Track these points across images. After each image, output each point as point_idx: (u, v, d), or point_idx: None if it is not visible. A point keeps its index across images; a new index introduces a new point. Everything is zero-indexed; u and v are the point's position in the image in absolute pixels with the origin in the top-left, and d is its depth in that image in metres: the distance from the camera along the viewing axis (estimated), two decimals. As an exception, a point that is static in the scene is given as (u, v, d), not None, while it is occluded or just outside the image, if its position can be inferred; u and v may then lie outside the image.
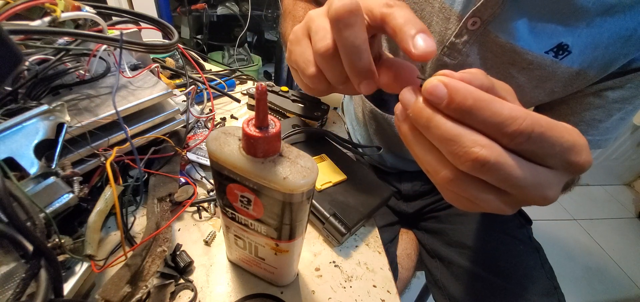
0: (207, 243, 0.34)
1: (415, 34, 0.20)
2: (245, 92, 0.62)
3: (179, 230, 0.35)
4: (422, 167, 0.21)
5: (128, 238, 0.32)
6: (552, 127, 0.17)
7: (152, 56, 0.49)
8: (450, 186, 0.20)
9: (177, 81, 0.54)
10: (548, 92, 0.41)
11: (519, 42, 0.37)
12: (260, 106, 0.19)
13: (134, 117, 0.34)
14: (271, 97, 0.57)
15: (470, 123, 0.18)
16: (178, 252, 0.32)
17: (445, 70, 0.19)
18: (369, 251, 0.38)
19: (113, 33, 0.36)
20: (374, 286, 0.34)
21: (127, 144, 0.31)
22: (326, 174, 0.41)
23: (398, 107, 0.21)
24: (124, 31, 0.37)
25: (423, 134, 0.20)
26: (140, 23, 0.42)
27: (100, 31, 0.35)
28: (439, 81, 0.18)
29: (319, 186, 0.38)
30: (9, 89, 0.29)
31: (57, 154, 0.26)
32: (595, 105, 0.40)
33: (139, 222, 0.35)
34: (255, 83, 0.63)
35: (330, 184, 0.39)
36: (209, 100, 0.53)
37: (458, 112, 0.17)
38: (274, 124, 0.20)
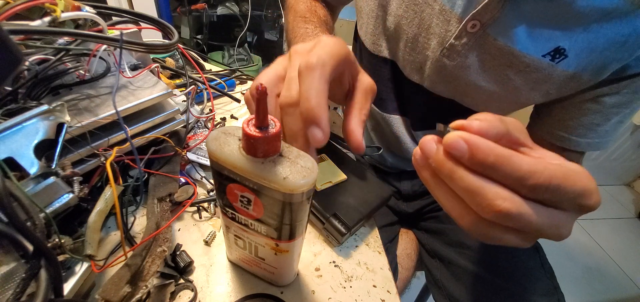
0: (207, 243, 0.34)
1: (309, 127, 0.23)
2: (245, 92, 0.62)
3: (179, 230, 0.35)
4: (445, 210, 0.22)
5: (128, 238, 0.32)
6: (567, 176, 0.18)
7: (152, 56, 0.49)
8: (474, 228, 0.21)
9: (177, 81, 0.54)
10: (543, 94, 0.41)
11: (517, 46, 0.37)
12: (260, 106, 0.19)
13: (134, 117, 0.34)
14: (271, 97, 0.57)
15: (492, 176, 0.18)
16: (178, 252, 0.32)
17: (461, 122, 0.19)
18: (369, 251, 0.38)
19: (113, 33, 0.36)
20: (374, 286, 0.34)
21: (127, 144, 0.31)
22: (326, 174, 0.41)
23: (417, 153, 0.22)
24: (124, 31, 0.37)
25: (445, 183, 0.21)
26: (140, 23, 0.42)
27: (100, 31, 0.35)
28: (460, 137, 0.18)
29: (319, 186, 0.38)
30: (9, 89, 0.29)
31: (57, 154, 0.26)
32: (593, 110, 0.41)
33: (139, 222, 0.35)
34: (255, 83, 0.63)
35: (330, 184, 0.39)
36: (209, 100, 0.53)
37: (480, 167, 0.18)
38: (274, 124, 0.20)
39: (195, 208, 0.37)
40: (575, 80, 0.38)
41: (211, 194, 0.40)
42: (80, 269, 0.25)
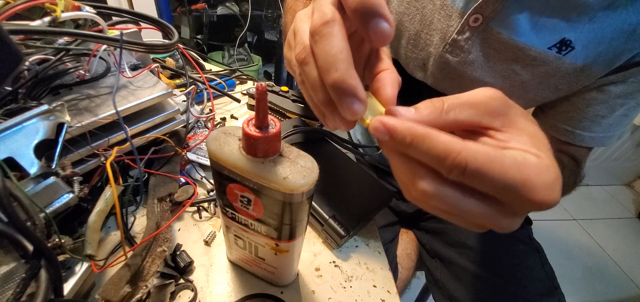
0: (207, 243, 0.34)
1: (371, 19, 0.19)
2: (245, 92, 0.62)
3: (179, 230, 0.35)
4: None
5: (128, 238, 0.32)
6: (492, 162, 0.17)
7: (152, 56, 0.49)
8: (420, 205, 0.21)
9: (177, 81, 0.54)
10: (553, 89, 0.40)
11: (521, 38, 0.36)
12: (260, 106, 0.19)
13: (134, 117, 0.34)
14: (271, 97, 0.57)
15: (415, 156, 0.18)
16: (178, 252, 0.32)
17: (394, 107, 0.20)
18: (369, 251, 0.38)
19: (113, 33, 0.36)
20: (374, 286, 0.34)
21: (127, 144, 0.31)
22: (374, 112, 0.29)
23: None
24: (124, 31, 0.37)
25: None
26: (140, 23, 0.42)
27: (100, 31, 0.35)
28: (378, 120, 0.19)
29: (368, 121, 0.26)
30: (9, 89, 0.29)
31: (57, 154, 0.26)
32: (599, 100, 0.39)
33: (139, 222, 0.35)
34: (256, 83, 0.63)
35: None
36: (209, 100, 0.53)
37: (402, 147, 0.19)
38: (274, 124, 0.20)
39: (195, 208, 0.37)
40: (585, 74, 0.37)
41: (211, 194, 0.40)
42: (80, 269, 0.25)
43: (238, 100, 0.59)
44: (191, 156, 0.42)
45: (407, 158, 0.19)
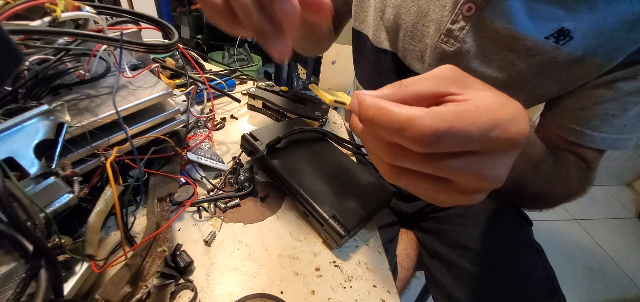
0: (207, 243, 0.34)
1: None
2: (245, 92, 0.62)
3: (179, 230, 0.35)
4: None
5: (128, 238, 0.32)
6: (461, 116, 0.16)
7: (152, 56, 0.49)
8: (393, 180, 0.21)
9: (177, 81, 0.54)
10: (553, 82, 0.39)
11: (516, 28, 0.35)
12: None
13: (134, 117, 0.34)
14: (271, 97, 0.57)
15: (380, 134, 0.19)
16: (178, 252, 0.32)
17: (358, 91, 0.20)
18: (369, 251, 0.38)
19: (113, 33, 0.36)
20: (374, 286, 0.34)
21: (127, 144, 0.31)
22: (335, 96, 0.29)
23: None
24: (124, 31, 0.37)
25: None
26: (140, 23, 0.42)
27: (100, 31, 0.35)
28: (355, 95, 0.20)
29: (330, 98, 0.27)
30: (9, 89, 0.29)
31: (57, 154, 0.26)
32: (608, 97, 0.37)
33: (139, 222, 0.35)
34: (255, 82, 0.63)
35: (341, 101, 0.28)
36: (209, 100, 0.53)
37: (368, 124, 0.19)
38: None
39: (195, 208, 0.37)
40: (585, 65, 0.35)
41: (211, 194, 0.40)
42: (81, 269, 0.25)
43: (238, 100, 0.59)
44: (191, 156, 0.42)
45: (381, 140, 0.19)
